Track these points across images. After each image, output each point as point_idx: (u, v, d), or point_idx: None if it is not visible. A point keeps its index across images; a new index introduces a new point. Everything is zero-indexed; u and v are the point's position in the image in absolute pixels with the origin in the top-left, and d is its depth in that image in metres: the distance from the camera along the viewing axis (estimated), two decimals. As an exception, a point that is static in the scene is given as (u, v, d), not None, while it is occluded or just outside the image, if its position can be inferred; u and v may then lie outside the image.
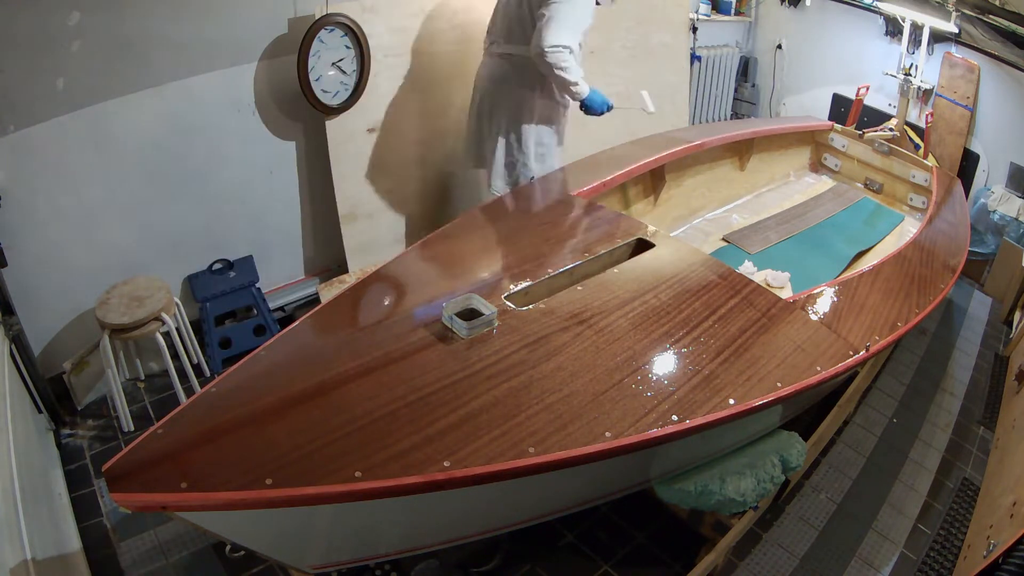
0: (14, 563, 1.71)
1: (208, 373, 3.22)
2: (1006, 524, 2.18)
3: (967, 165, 4.34)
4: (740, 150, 4.19)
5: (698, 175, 3.97)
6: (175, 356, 2.91)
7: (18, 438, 2.16)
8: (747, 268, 3.20)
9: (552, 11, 2.82)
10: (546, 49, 2.82)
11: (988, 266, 4.28)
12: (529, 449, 1.64)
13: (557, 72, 2.89)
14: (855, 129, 4.33)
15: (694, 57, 4.91)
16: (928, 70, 4.29)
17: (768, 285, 3.06)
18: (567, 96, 3.10)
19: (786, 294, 2.91)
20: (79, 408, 3.00)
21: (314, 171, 3.49)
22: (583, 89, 3.00)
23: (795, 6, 5.16)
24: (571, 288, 2.26)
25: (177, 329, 2.89)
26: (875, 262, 2.87)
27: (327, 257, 3.75)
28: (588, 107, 3.09)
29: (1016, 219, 4.05)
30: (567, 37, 2.85)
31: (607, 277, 2.35)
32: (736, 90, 5.65)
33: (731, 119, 5.66)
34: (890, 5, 4.19)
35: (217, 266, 3.37)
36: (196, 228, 3.25)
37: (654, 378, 1.94)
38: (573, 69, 2.91)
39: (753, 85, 5.70)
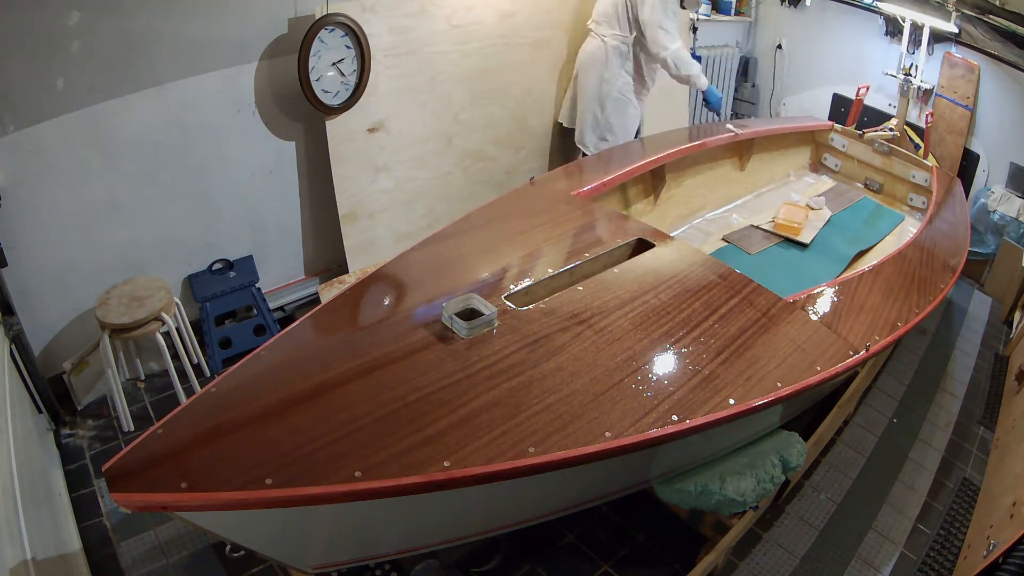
0: (14, 563, 1.71)
1: (208, 373, 3.22)
2: (1006, 524, 2.18)
3: (967, 165, 4.34)
4: (740, 150, 4.19)
5: (698, 175, 3.97)
6: (175, 356, 2.91)
7: (18, 438, 2.16)
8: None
9: (644, 18, 3.52)
10: (663, 57, 3.55)
11: (988, 266, 4.28)
12: (529, 449, 1.64)
13: (683, 71, 3.60)
14: (855, 129, 4.32)
15: (694, 57, 4.90)
16: (928, 70, 4.28)
17: (810, 208, 3.70)
18: (692, 86, 3.82)
19: (825, 216, 3.31)
20: (79, 408, 3.00)
21: (314, 171, 3.49)
22: (703, 81, 3.72)
23: (795, 6, 5.15)
24: (571, 288, 2.26)
25: (177, 329, 2.89)
26: (875, 262, 2.87)
27: (327, 257, 3.75)
28: (708, 101, 3.84)
29: (1016, 219, 4.05)
30: (675, 34, 3.52)
31: (607, 277, 2.35)
32: (736, 90, 5.64)
33: (731, 119, 5.66)
34: (890, 5, 4.19)
35: (217, 266, 3.37)
36: (196, 228, 3.25)
37: (654, 378, 1.94)
38: (691, 63, 3.61)
39: (753, 85, 5.70)
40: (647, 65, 3.84)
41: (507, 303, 2.15)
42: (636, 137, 4.15)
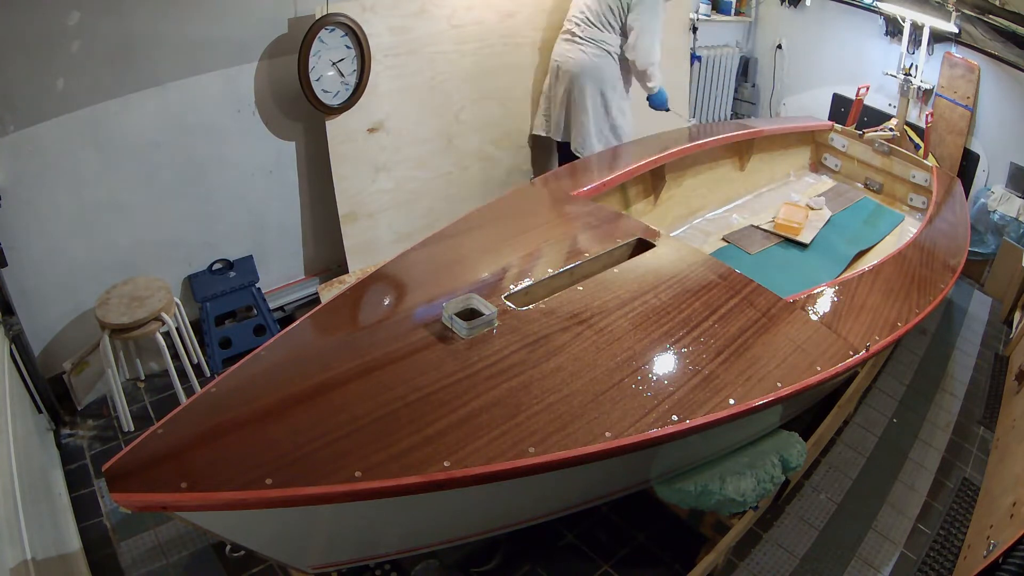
0: (14, 563, 1.71)
1: (208, 373, 3.22)
2: (1006, 524, 2.18)
3: (967, 165, 4.33)
4: (740, 150, 4.19)
5: (698, 175, 3.97)
6: (175, 356, 2.91)
7: (18, 438, 2.16)
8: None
9: (641, 24, 3.56)
10: (646, 66, 3.67)
11: (988, 266, 4.28)
12: (529, 449, 1.64)
13: (648, 80, 3.75)
14: (855, 129, 4.32)
15: (694, 57, 4.91)
16: (928, 70, 4.28)
17: (810, 207, 3.76)
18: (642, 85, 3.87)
19: (825, 216, 3.46)
20: (79, 408, 3.00)
21: (314, 171, 3.49)
22: (656, 87, 3.81)
23: (795, 6, 5.15)
24: (571, 288, 2.26)
25: (177, 329, 2.89)
26: (875, 262, 2.87)
27: (327, 257, 3.75)
28: (654, 102, 3.91)
29: (1016, 219, 4.05)
30: (658, 50, 3.66)
31: (607, 277, 2.35)
32: (736, 90, 5.64)
33: (731, 119, 5.66)
34: (890, 5, 4.19)
35: (217, 266, 3.37)
36: (196, 228, 3.25)
37: (654, 378, 1.94)
38: (658, 77, 3.76)
39: (753, 85, 5.70)
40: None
41: (507, 303, 2.15)
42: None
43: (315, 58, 3.06)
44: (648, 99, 3.90)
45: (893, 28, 4.47)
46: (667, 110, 3.94)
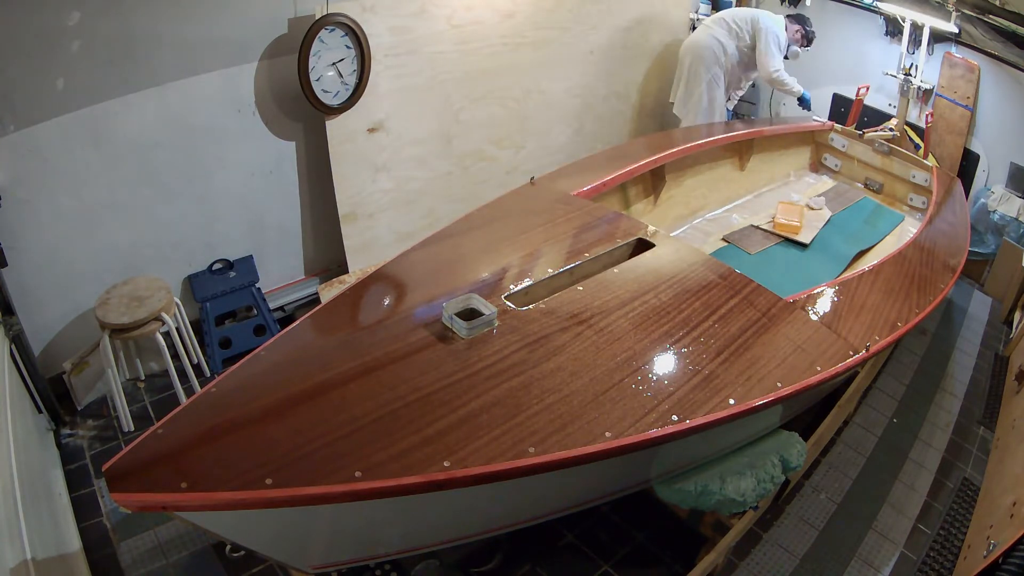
0: (14, 563, 1.71)
1: (208, 373, 3.22)
2: (1006, 524, 2.18)
3: (967, 165, 4.33)
4: (740, 150, 4.19)
5: (698, 175, 3.98)
6: (175, 356, 2.91)
7: (18, 438, 2.16)
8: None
9: (763, 45, 4.23)
10: (772, 74, 4.28)
11: (988, 266, 4.28)
12: (529, 449, 1.64)
13: (782, 87, 4.37)
14: (855, 129, 4.32)
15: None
16: (928, 70, 4.28)
17: (810, 208, 3.82)
18: (790, 94, 4.50)
19: (825, 216, 3.55)
20: (79, 408, 3.00)
21: (314, 171, 3.49)
22: (798, 89, 4.41)
23: (795, 6, 5.15)
24: (571, 288, 2.27)
25: (177, 329, 2.89)
26: (875, 262, 2.87)
27: (327, 257, 3.76)
28: (803, 101, 4.49)
29: (1016, 219, 4.05)
30: (779, 61, 4.29)
31: (607, 277, 2.35)
32: (736, 90, 5.63)
33: (731, 119, 5.65)
34: (890, 5, 4.19)
35: (217, 266, 3.37)
36: (196, 228, 3.25)
37: (654, 378, 1.94)
38: (788, 80, 4.35)
39: (753, 85, 5.68)
40: (743, 74, 4.49)
41: (507, 303, 2.15)
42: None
43: (315, 58, 3.06)
44: (800, 101, 4.48)
45: (893, 28, 4.47)
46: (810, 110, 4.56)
